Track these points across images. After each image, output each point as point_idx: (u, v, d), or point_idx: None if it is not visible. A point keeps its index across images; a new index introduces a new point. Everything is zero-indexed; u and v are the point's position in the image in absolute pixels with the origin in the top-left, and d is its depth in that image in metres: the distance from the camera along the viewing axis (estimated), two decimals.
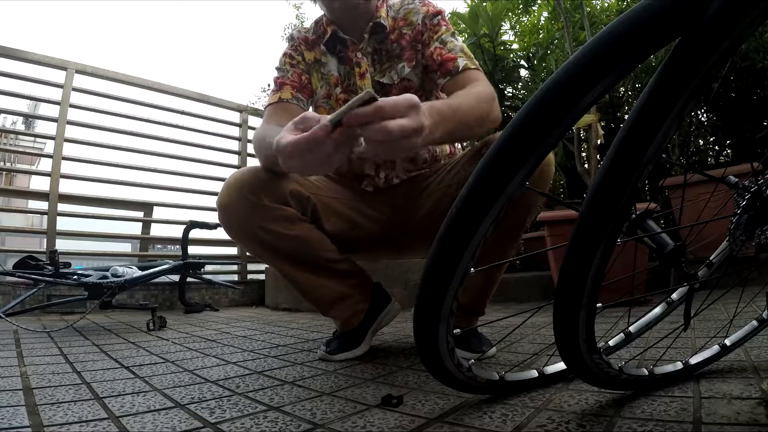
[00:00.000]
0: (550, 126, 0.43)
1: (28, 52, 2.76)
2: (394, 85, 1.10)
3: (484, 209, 0.47)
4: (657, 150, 0.43)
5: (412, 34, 1.10)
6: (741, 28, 0.37)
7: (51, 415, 0.66)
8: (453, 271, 0.50)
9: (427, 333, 0.55)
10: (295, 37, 1.16)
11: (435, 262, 0.51)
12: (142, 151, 3.21)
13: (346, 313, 1.12)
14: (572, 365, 0.59)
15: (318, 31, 1.15)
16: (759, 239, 0.68)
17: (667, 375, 0.69)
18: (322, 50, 1.13)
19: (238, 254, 3.60)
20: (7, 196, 4.67)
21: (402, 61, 1.10)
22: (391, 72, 1.10)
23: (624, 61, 0.40)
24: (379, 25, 1.10)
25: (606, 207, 0.46)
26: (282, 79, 1.11)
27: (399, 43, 1.11)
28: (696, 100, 0.42)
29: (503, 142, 0.45)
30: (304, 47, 1.15)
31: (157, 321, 1.76)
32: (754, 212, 0.66)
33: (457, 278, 0.51)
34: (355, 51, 1.11)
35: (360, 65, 1.10)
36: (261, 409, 0.69)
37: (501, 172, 0.46)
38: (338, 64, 1.13)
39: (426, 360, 0.59)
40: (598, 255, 0.47)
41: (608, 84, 0.41)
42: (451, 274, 0.50)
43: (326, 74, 1.13)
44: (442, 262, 0.50)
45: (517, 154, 0.45)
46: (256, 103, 3.73)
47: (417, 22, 1.10)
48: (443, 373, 0.62)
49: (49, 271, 1.85)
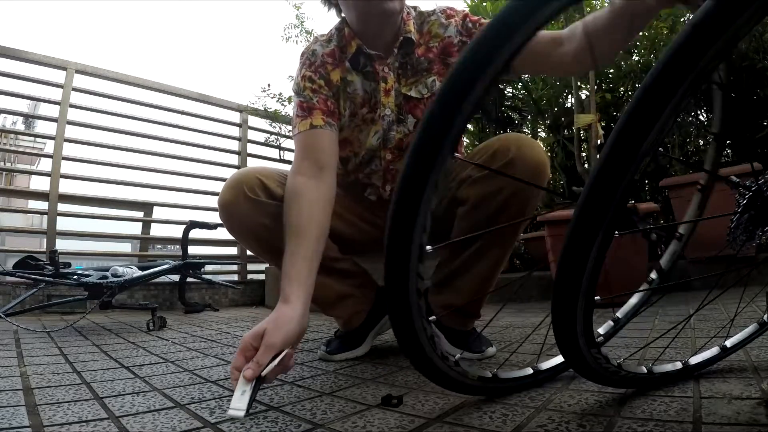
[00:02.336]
0: (462, 98, 0.46)
1: (28, 52, 2.76)
2: (423, 100, 1.06)
3: (422, 182, 0.50)
4: (654, 142, 0.44)
5: (440, 46, 1.05)
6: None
7: (51, 415, 0.66)
8: (408, 247, 0.52)
9: (402, 319, 0.56)
10: (319, 53, 1.05)
11: (390, 239, 0.53)
12: (142, 151, 3.22)
13: (347, 312, 1.12)
14: (571, 360, 0.59)
15: (341, 43, 1.06)
16: (759, 239, 0.68)
17: (667, 374, 0.69)
18: (347, 67, 1.05)
19: (238, 254, 3.61)
20: (7, 196, 4.67)
21: (431, 74, 1.05)
22: (419, 86, 1.06)
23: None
24: (408, 40, 1.04)
25: (603, 198, 0.46)
26: (308, 104, 1.02)
27: (426, 56, 1.06)
28: (691, 96, 0.42)
29: (428, 120, 0.49)
30: (330, 65, 1.05)
31: (157, 321, 1.76)
32: (754, 212, 0.66)
33: (415, 254, 0.53)
34: (382, 66, 1.04)
35: (386, 81, 1.05)
36: (261, 409, 0.69)
37: (430, 144, 0.49)
38: (363, 80, 1.06)
39: (407, 350, 0.60)
40: (596, 246, 0.47)
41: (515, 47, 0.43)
42: (408, 251, 0.52)
43: (352, 94, 1.06)
44: (397, 239, 0.53)
45: (441, 126, 0.48)
46: (256, 103, 3.74)
47: (444, 35, 1.05)
48: (427, 365, 0.61)
49: (49, 271, 1.84)
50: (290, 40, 3.81)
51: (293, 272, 0.82)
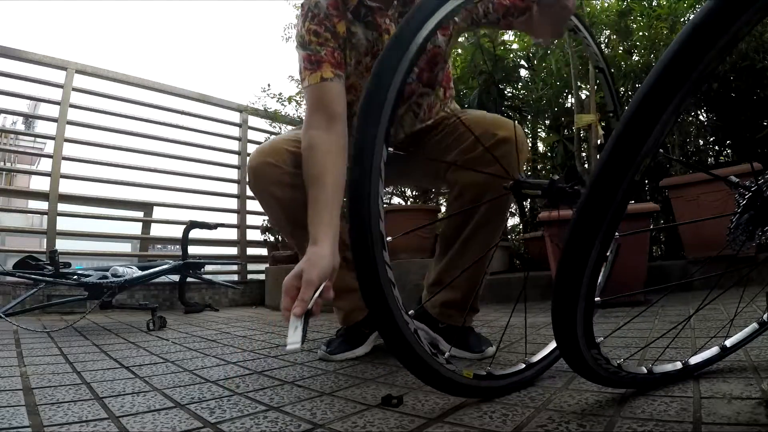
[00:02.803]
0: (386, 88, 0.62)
1: (28, 52, 2.76)
2: (425, 51, 1.07)
3: (369, 167, 0.59)
4: (655, 143, 0.44)
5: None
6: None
7: (51, 415, 0.66)
8: (368, 231, 0.60)
9: (380, 309, 0.60)
10: (322, 5, 1.04)
11: (353, 225, 0.61)
12: (142, 151, 3.22)
13: (348, 306, 1.15)
14: (571, 360, 0.59)
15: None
16: (759, 239, 0.68)
17: (667, 374, 0.69)
18: (349, 18, 1.06)
19: (238, 254, 3.61)
20: (7, 196, 4.67)
21: None
22: None
23: None
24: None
25: (604, 199, 0.46)
26: (316, 56, 1.03)
27: None
28: (693, 96, 0.42)
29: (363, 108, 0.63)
30: (335, 17, 1.05)
31: (157, 321, 1.76)
32: (754, 212, 0.66)
33: (378, 241, 0.60)
34: (384, 17, 1.06)
35: (389, 32, 1.06)
36: (261, 409, 0.69)
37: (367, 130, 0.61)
38: (365, 29, 1.07)
39: (387, 338, 0.62)
40: (596, 247, 0.47)
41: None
42: (368, 234, 0.60)
43: (356, 43, 1.08)
44: (358, 222, 0.60)
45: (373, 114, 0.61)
46: (256, 103, 3.73)
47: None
48: (414, 359, 0.62)
49: (49, 271, 1.84)
50: (290, 40, 3.81)
51: (317, 218, 0.88)
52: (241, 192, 3.65)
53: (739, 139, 2.79)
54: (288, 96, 3.68)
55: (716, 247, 0.83)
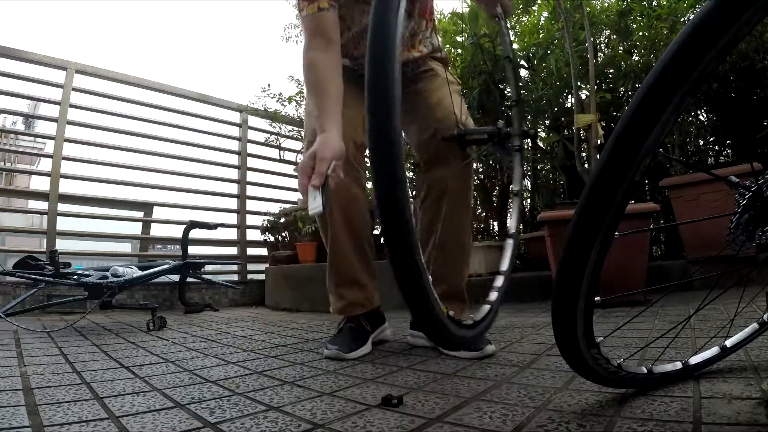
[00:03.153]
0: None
1: (28, 52, 2.76)
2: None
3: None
4: (655, 143, 0.44)
5: None
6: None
7: (51, 415, 0.66)
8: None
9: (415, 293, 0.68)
10: None
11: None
12: (142, 151, 3.21)
13: (351, 297, 1.20)
14: (571, 360, 0.59)
15: None
16: (759, 239, 0.68)
17: (667, 374, 0.69)
18: None
19: (238, 254, 3.61)
20: (7, 196, 4.67)
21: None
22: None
23: None
24: None
25: (604, 199, 0.46)
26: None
27: None
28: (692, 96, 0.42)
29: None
30: None
31: (157, 321, 1.76)
32: (754, 212, 0.66)
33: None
34: None
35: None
36: (261, 409, 0.69)
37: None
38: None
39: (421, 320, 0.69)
40: (597, 246, 0.47)
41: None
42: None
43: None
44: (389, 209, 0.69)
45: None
46: (256, 103, 3.73)
47: None
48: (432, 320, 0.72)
49: (49, 271, 1.84)
50: (290, 40, 3.81)
51: (324, 115, 0.99)
52: (241, 192, 3.65)
53: (739, 139, 2.79)
54: (288, 96, 3.68)
55: (716, 247, 0.83)
